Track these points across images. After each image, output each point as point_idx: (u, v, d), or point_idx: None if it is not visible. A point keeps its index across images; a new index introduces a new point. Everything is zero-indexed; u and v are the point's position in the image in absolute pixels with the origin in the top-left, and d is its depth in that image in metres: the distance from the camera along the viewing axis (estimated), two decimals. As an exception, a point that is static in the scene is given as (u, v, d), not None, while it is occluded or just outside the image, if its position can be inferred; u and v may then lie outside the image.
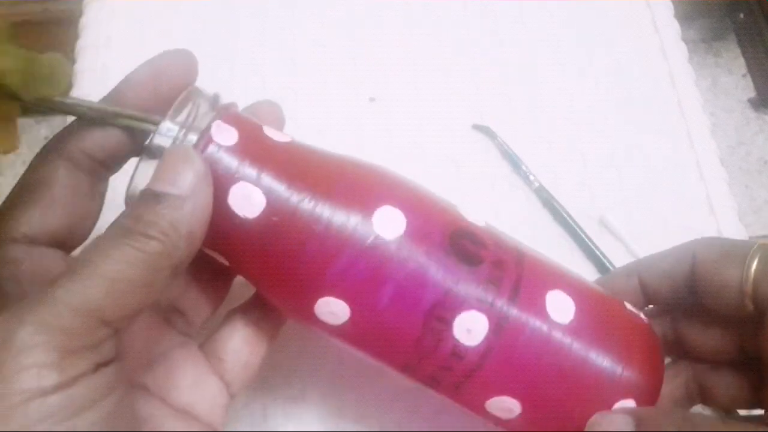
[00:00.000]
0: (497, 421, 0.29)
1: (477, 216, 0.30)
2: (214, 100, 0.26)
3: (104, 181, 0.27)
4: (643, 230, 0.42)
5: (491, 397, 0.28)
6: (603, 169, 0.44)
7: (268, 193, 0.25)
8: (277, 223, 0.25)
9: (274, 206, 0.25)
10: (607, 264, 0.40)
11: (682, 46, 0.49)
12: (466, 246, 0.28)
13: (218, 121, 0.26)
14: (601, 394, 0.28)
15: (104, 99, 0.26)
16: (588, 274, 0.41)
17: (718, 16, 1.35)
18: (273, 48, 0.47)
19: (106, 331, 0.21)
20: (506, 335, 0.27)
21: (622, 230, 0.42)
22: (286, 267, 0.26)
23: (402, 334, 0.27)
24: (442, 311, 0.27)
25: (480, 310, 0.27)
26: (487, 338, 0.27)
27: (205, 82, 0.46)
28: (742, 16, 1.32)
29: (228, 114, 0.26)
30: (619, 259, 0.41)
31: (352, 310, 0.27)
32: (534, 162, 0.44)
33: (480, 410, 0.29)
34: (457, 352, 0.27)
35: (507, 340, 0.27)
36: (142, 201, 0.23)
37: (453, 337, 0.27)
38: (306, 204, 0.26)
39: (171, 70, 0.26)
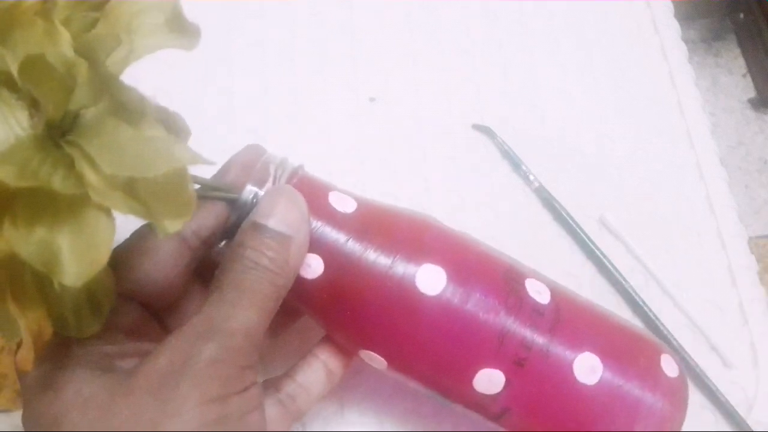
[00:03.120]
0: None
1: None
2: (283, 164, 0.29)
3: (198, 259, 0.29)
4: (643, 230, 0.42)
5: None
6: (603, 169, 0.44)
7: (325, 258, 0.29)
8: (331, 284, 0.29)
9: (329, 270, 0.29)
10: (607, 264, 0.40)
11: (682, 46, 0.49)
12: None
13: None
14: None
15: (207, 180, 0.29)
16: (588, 274, 0.41)
17: (718, 16, 1.35)
18: (273, 48, 0.47)
19: (257, 352, 0.26)
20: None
21: (622, 230, 0.41)
22: (334, 319, 0.30)
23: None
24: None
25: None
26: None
27: (206, 82, 0.46)
28: (742, 16, 1.32)
29: (295, 178, 0.30)
30: (619, 259, 0.41)
31: (388, 362, 0.30)
32: (534, 162, 0.44)
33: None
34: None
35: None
36: (263, 239, 0.26)
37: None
38: (357, 264, 0.29)
39: (250, 158, 0.30)
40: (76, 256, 0.20)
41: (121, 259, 0.27)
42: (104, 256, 0.21)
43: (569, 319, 0.30)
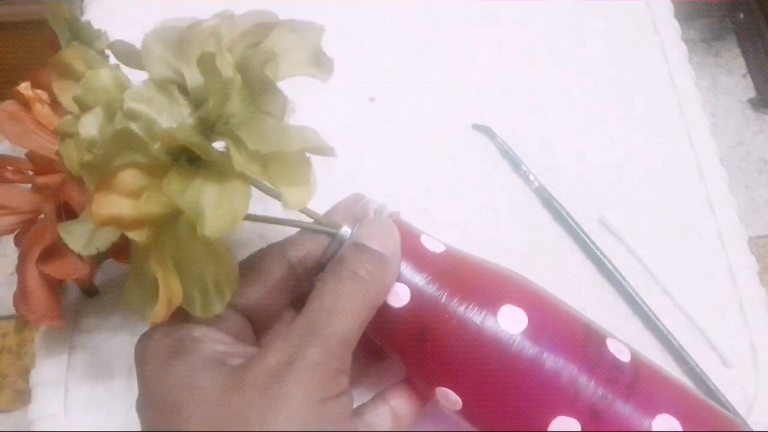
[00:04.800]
0: None
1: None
2: (381, 209, 0.32)
3: (299, 287, 0.32)
4: (643, 230, 0.42)
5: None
6: (603, 169, 0.44)
7: (412, 290, 0.30)
8: (416, 315, 0.30)
9: (415, 301, 0.30)
10: (607, 264, 0.40)
11: (682, 46, 0.49)
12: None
13: None
14: None
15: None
16: (588, 274, 0.41)
17: (718, 16, 1.35)
18: (273, 48, 0.47)
19: (350, 358, 0.28)
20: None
21: (622, 230, 0.42)
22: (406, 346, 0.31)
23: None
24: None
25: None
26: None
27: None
28: (742, 16, 1.32)
29: (391, 219, 0.32)
30: (619, 259, 0.41)
31: (463, 400, 0.30)
32: (534, 162, 0.44)
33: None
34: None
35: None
36: (363, 255, 0.29)
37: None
38: (441, 298, 0.30)
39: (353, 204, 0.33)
40: (217, 212, 0.25)
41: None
42: (239, 215, 0.25)
43: (649, 381, 0.30)
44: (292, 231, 0.32)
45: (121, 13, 0.49)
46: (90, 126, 0.26)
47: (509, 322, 0.29)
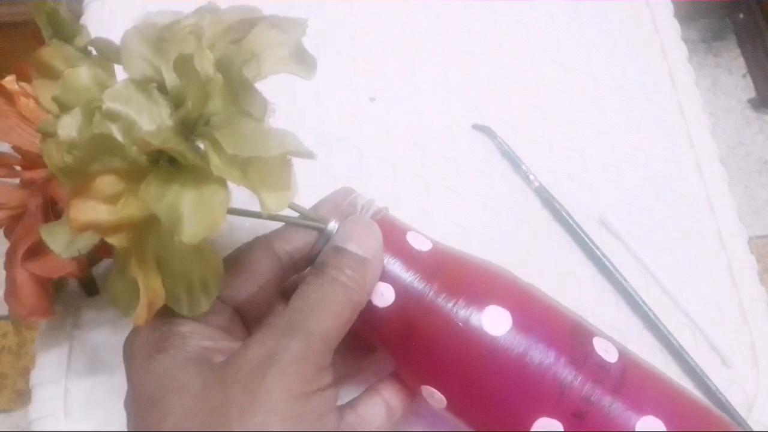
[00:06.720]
0: None
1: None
2: (369, 204, 0.32)
3: (286, 279, 0.32)
4: (643, 230, 0.42)
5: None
6: (603, 169, 0.44)
7: (397, 289, 0.30)
8: (400, 315, 0.30)
9: (400, 301, 0.30)
10: (607, 264, 0.40)
11: (682, 46, 0.49)
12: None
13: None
14: None
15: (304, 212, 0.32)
16: (588, 274, 0.41)
17: (718, 16, 1.35)
18: (273, 48, 0.47)
19: (331, 356, 0.28)
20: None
21: (621, 230, 0.42)
22: (397, 346, 0.31)
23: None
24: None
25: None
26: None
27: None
28: (742, 16, 1.32)
29: (378, 216, 0.32)
30: (619, 259, 0.41)
31: (447, 400, 0.30)
32: (534, 162, 0.44)
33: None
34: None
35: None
36: (343, 259, 0.29)
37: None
38: (426, 298, 0.30)
39: (342, 198, 0.33)
40: (195, 218, 0.25)
41: (225, 268, 0.29)
42: (218, 221, 0.25)
43: (636, 382, 0.29)
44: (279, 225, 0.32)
45: (121, 13, 0.49)
46: (69, 127, 0.26)
47: (494, 323, 0.29)
